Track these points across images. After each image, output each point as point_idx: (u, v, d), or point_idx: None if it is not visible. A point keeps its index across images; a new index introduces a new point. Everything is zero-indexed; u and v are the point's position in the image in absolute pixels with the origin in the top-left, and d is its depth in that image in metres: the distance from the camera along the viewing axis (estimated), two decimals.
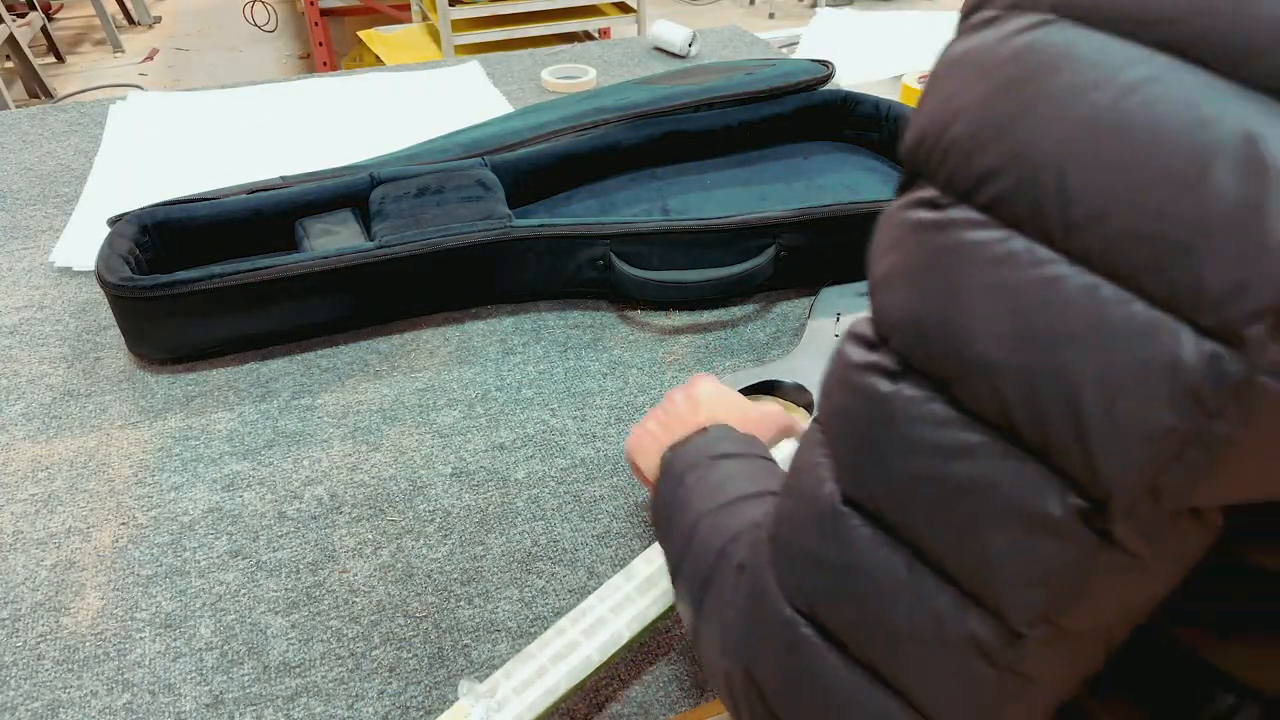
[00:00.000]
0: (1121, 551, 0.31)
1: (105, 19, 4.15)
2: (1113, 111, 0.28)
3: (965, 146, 0.32)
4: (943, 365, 0.33)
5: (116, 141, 1.34)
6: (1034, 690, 0.35)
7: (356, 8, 3.65)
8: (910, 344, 0.34)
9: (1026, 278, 0.30)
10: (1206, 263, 0.27)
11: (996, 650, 0.34)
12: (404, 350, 0.95)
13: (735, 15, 4.62)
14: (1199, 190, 0.27)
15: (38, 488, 0.80)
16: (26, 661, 0.66)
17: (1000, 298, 0.31)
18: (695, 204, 1.11)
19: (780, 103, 1.22)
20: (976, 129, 0.32)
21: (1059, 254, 0.30)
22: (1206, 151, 0.27)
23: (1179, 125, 0.28)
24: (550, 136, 1.12)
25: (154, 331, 0.91)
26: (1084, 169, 0.29)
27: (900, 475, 0.34)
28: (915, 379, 0.34)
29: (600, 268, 0.98)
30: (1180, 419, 0.28)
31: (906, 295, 0.34)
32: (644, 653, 0.66)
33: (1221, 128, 0.27)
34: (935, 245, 0.33)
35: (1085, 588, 0.32)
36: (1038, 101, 0.30)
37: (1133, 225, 0.28)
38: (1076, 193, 0.29)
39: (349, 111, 1.45)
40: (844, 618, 0.37)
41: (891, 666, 0.36)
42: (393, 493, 0.79)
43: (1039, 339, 0.30)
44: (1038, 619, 0.33)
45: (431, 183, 1.03)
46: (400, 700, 0.63)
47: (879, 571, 0.35)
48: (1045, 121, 0.30)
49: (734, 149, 1.22)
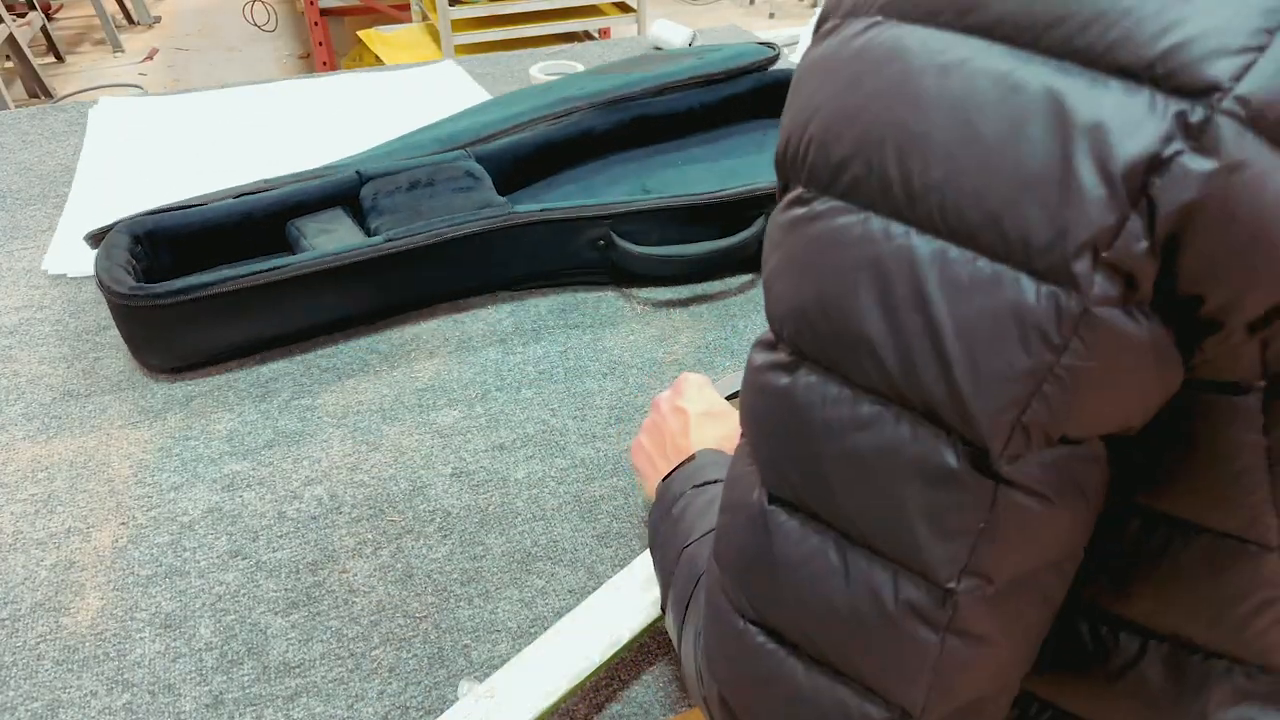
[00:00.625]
0: (1020, 491, 0.33)
1: (105, 19, 4.15)
2: (937, 90, 0.32)
3: (821, 142, 0.35)
4: (828, 347, 0.35)
5: (97, 147, 1.34)
6: (984, 654, 0.36)
7: (356, 8, 3.65)
8: (798, 333, 0.37)
9: (885, 251, 0.33)
10: (1031, 214, 0.30)
11: (932, 611, 0.35)
12: (404, 350, 0.95)
13: (735, 15, 4.62)
14: (1016, 149, 0.30)
15: (38, 488, 0.80)
16: (26, 661, 0.66)
17: (866, 274, 0.33)
18: (672, 182, 1.17)
19: (736, 84, 1.31)
20: (828, 125, 0.35)
21: (909, 225, 0.33)
22: (1019, 114, 0.30)
23: (993, 94, 0.31)
24: (525, 126, 1.17)
25: (164, 340, 0.91)
26: (917, 145, 0.32)
27: (812, 461, 0.37)
28: (808, 366, 0.36)
29: (601, 248, 1.01)
30: (1033, 358, 0.31)
31: (789, 288, 0.37)
32: (644, 653, 0.66)
33: (1029, 91, 0.30)
34: (807, 237, 0.36)
35: (997, 533, 0.34)
36: (875, 92, 0.33)
37: (965, 189, 0.31)
38: (914, 167, 0.32)
39: (328, 113, 1.45)
40: (790, 616, 0.38)
41: (842, 653, 0.37)
42: (393, 493, 0.79)
43: (905, 305, 0.33)
44: (963, 571, 0.34)
45: (421, 176, 1.05)
46: (400, 700, 0.63)
47: (811, 561, 0.37)
48: (882, 109, 0.33)
49: (698, 130, 1.30)
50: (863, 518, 0.36)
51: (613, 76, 1.27)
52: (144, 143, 1.35)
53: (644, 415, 0.86)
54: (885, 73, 0.33)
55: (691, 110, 1.29)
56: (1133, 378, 0.32)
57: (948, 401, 0.33)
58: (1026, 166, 0.30)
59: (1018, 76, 0.30)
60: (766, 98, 1.34)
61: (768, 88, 1.33)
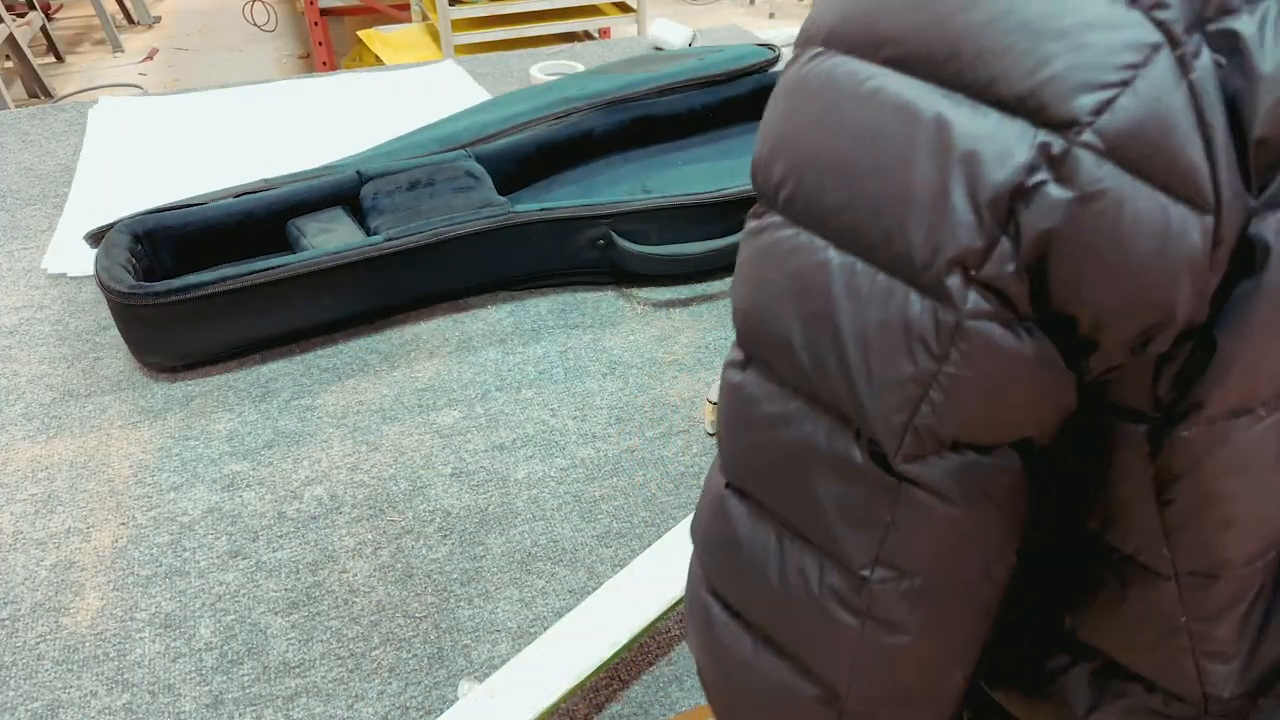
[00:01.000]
0: (921, 489, 0.35)
1: (105, 19, 4.15)
2: (851, 119, 0.35)
3: (768, 161, 0.38)
4: (764, 347, 0.39)
5: (96, 147, 1.34)
6: (903, 645, 0.38)
7: (356, 8, 3.65)
8: (745, 334, 0.40)
9: (807, 263, 0.36)
10: (915, 234, 0.33)
11: (851, 598, 0.38)
12: (404, 350, 0.95)
13: (735, 15, 4.62)
14: (908, 173, 0.33)
15: (38, 488, 0.80)
16: (26, 661, 0.66)
17: (792, 283, 0.37)
18: (672, 182, 1.17)
19: (736, 85, 1.31)
20: (774, 146, 0.38)
21: (828, 241, 0.36)
22: (914, 140, 0.33)
23: (895, 122, 0.33)
24: (525, 127, 1.17)
25: (164, 340, 0.90)
26: (832, 168, 0.35)
27: (753, 452, 0.40)
28: (754, 365, 0.39)
29: (601, 247, 1.01)
30: (918, 366, 0.34)
31: (743, 292, 0.40)
32: (644, 653, 0.66)
33: (923, 119, 0.33)
34: (756, 247, 0.39)
35: (902, 527, 0.36)
36: (807, 118, 0.37)
37: (866, 209, 0.34)
38: (828, 188, 0.35)
39: (328, 113, 1.45)
40: (741, 595, 0.42)
41: (781, 632, 0.40)
42: (393, 493, 0.79)
43: (818, 313, 0.36)
44: (875, 561, 0.37)
45: (421, 176, 1.05)
46: (400, 700, 0.63)
47: (754, 544, 0.40)
48: (809, 134, 0.36)
49: (698, 130, 1.31)
50: (791, 507, 0.39)
51: (613, 77, 1.28)
52: (144, 143, 1.35)
53: (644, 415, 0.86)
54: (816, 102, 0.36)
55: (692, 111, 1.29)
56: (1017, 389, 0.34)
57: (850, 403, 0.35)
58: (914, 190, 0.33)
59: (918, 105, 0.33)
60: (766, 99, 1.33)
61: (768, 89, 1.31)
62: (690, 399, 0.88)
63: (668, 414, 0.87)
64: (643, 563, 0.65)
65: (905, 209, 0.33)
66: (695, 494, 0.78)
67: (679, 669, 0.65)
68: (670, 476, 0.80)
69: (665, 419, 0.86)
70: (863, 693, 0.39)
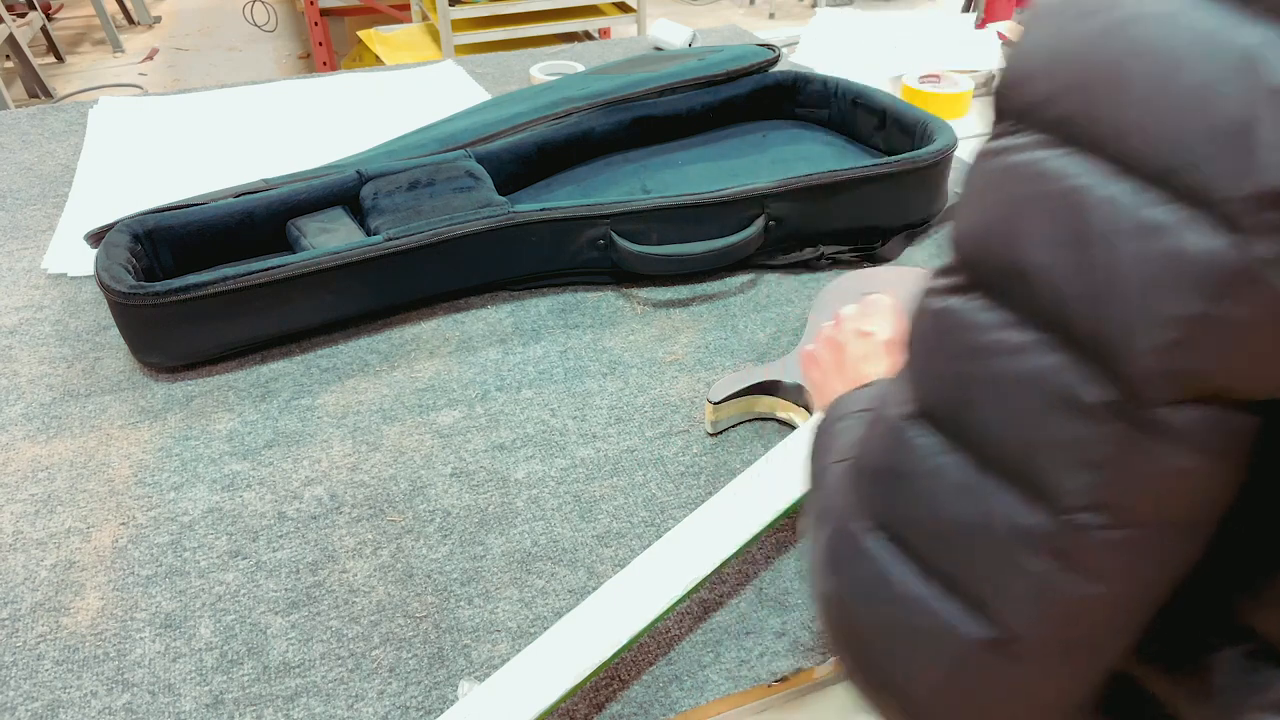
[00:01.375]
0: (1161, 438, 0.34)
1: (105, 19, 4.15)
2: (1145, 38, 0.34)
3: (1024, 77, 0.37)
4: (999, 273, 0.37)
5: (97, 146, 1.34)
6: (1096, 593, 0.36)
7: (356, 8, 3.65)
8: (975, 257, 0.38)
9: (1071, 187, 0.34)
10: (1213, 165, 0.31)
11: (1052, 539, 0.36)
12: (404, 350, 0.95)
13: (735, 15, 4.62)
14: (1209, 102, 0.32)
15: (38, 488, 0.80)
16: (26, 661, 0.66)
17: (1048, 207, 0.35)
18: (672, 183, 1.18)
19: (736, 85, 1.31)
20: (1036, 61, 0.37)
21: (1101, 164, 0.34)
22: (1217, 68, 0.32)
23: (1196, 50, 0.32)
24: (525, 127, 1.17)
25: (164, 339, 0.90)
26: (1122, 87, 0.34)
27: (960, 381, 0.38)
28: (979, 290, 0.38)
29: (601, 247, 1.01)
30: (1194, 306, 0.32)
31: (974, 214, 0.38)
32: (644, 653, 0.66)
33: (1228, 50, 0.32)
34: (1003, 166, 0.37)
35: (1128, 473, 0.35)
36: (1089, 35, 0.35)
37: (1157, 133, 0.33)
38: (1115, 109, 0.34)
39: (328, 113, 1.45)
40: (913, 526, 0.40)
41: (957, 568, 0.39)
42: (393, 493, 0.79)
43: (1078, 241, 0.34)
44: (1087, 506, 0.35)
45: (421, 176, 1.05)
46: (400, 700, 0.63)
47: (943, 476, 0.39)
48: (1095, 51, 0.35)
49: (698, 131, 1.31)
50: (999, 441, 0.37)
51: (613, 77, 1.27)
52: (144, 143, 1.35)
53: (644, 415, 0.86)
54: (1101, 18, 0.35)
55: (692, 111, 1.29)
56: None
57: (1103, 339, 0.34)
58: (1216, 119, 0.31)
59: (1221, 36, 0.32)
60: (766, 99, 1.34)
61: (768, 89, 1.33)
62: (690, 399, 0.88)
63: (668, 414, 0.87)
64: (641, 563, 0.65)
65: (1205, 138, 0.32)
66: (696, 493, 0.78)
67: (679, 669, 0.65)
68: (670, 476, 0.80)
69: (665, 419, 0.86)
70: (1040, 636, 0.38)
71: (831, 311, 0.93)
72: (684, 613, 0.69)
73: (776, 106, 1.34)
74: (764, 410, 0.85)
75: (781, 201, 1.04)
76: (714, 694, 0.63)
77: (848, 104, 1.28)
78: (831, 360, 0.67)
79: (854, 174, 1.04)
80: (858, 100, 1.26)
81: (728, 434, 0.85)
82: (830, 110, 1.31)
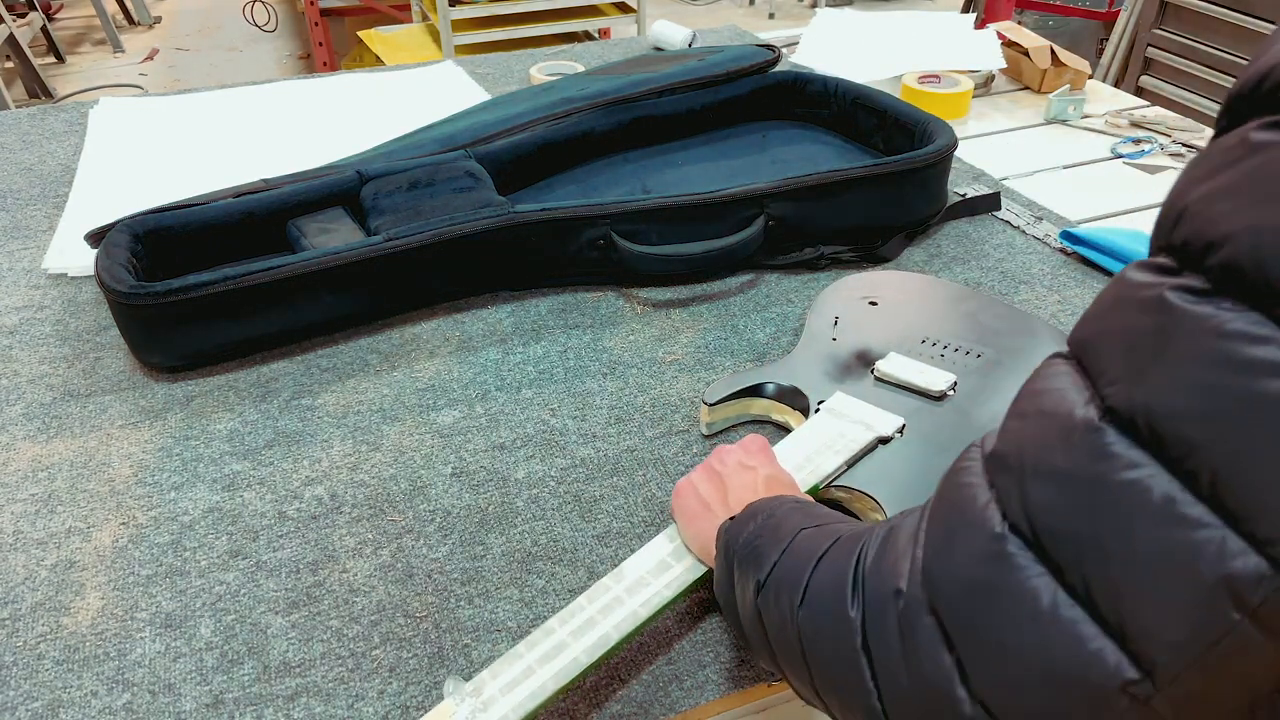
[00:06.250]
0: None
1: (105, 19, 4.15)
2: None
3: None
4: (1273, 282, 0.32)
5: (97, 146, 1.34)
6: (1274, 650, 0.33)
7: (356, 8, 3.65)
8: (1234, 261, 0.33)
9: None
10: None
11: (1252, 590, 0.32)
12: (404, 350, 0.95)
13: (735, 15, 4.62)
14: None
15: (38, 488, 0.80)
16: (26, 661, 0.66)
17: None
18: (672, 183, 1.18)
19: (736, 85, 1.31)
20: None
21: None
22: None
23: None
24: (525, 127, 1.17)
25: (165, 339, 0.90)
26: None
27: (1196, 392, 0.33)
28: (1227, 297, 0.33)
29: (601, 247, 1.01)
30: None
31: (1237, 212, 0.34)
32: (644, 653, 0.66)
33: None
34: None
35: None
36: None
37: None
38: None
39: (328, 113, 1.45)
40: (1071, 537, 0.36)
41: (1113, 592, 0.35)
42: (393, 493, 0.79)
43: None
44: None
45: (421, 176, 1.05)
46: (400, 700, 0.63)
47: (1132, 491, 0.34)
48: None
49: (698, 131, 1.31)
50: (1233, 468, 0.32)
51: (613, 77, 1.28)
52: (144, 143, 1.35)
53: (643, 415, 0.86)
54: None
55: (692, 111, 1.29)
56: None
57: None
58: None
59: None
60: (766, 99, 1.34)
61: (768, 89, 1.33)
62: (690, 399, 0.88)
63: (668, 414, 0.87)
64: (632, 565, 0.65)
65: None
66: None
67: (679, 669, 0.65)
68: (670, 476, 0.80)
69: (665, 419, 0.86)
70: (1191, 688, 0.34)
71: (831, 312, 0.93)
72: (684, 613, 0.69)
73: (776, 107, 1.35)
74: (759, 413, 0.85)
75: (781, 201, 1.04)
76: (714, 694, 0.63)
77: (848, 104, 1.28)
78: (712, 491, 0.65)
79: (854, 174, 1.04)
80: (858, 100, 1.26)
81: (727, 434, 0.85)
82: (830, 110, 1.31)
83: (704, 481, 0.66)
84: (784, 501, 0.58)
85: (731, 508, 0.62)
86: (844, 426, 0.76)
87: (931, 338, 0.88)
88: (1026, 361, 0.84)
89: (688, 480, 0.67)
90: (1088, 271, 1.06)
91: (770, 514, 0.56)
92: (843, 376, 0.84)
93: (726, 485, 0.64)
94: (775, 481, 0.65)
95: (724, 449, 0.68)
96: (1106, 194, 1.23)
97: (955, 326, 0.90)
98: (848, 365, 0.85)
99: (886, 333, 0.89)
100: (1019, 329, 0.89)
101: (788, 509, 0.56)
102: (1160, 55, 2.53)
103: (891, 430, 0.76)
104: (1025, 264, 1.07)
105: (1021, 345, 0.87)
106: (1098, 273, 1.06)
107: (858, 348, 0.87)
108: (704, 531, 0.63)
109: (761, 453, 0.68)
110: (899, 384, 0.82)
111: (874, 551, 0.45)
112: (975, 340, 0.87)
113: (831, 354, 0.87)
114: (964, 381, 0.82)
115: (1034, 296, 1.02)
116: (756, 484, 0.64)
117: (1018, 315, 0.92)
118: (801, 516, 0.54)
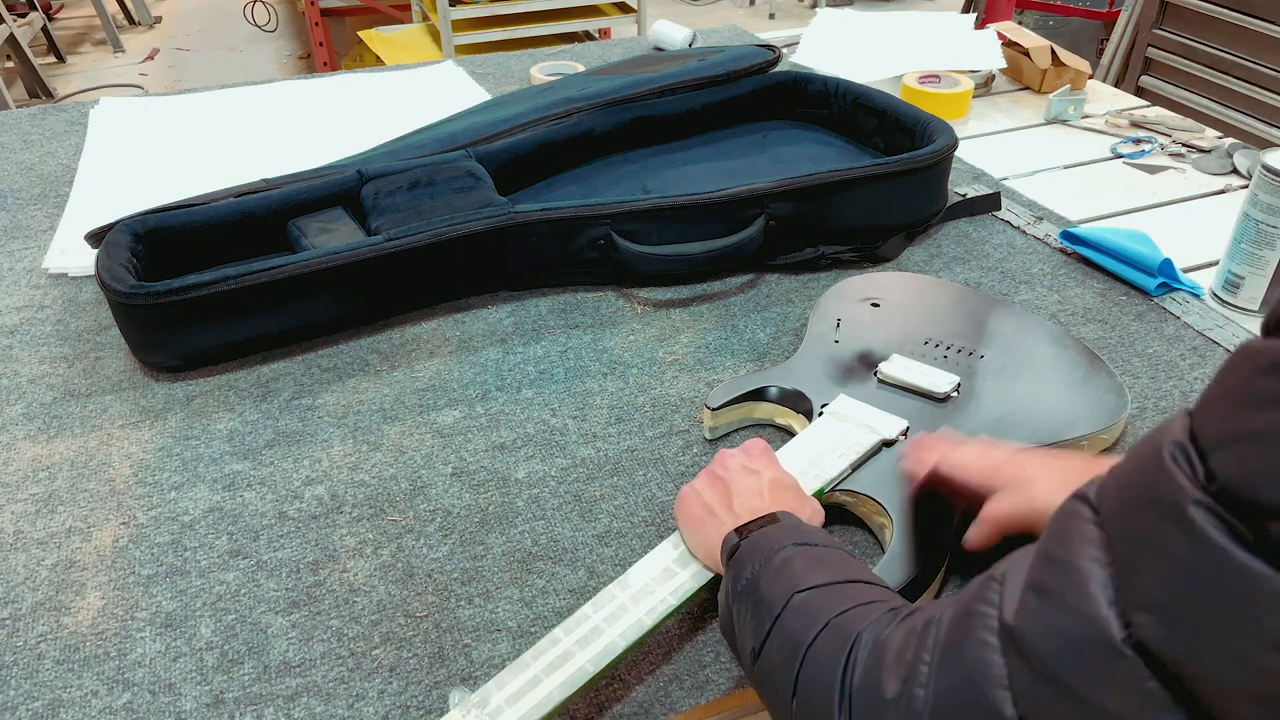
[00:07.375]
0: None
1: (105, 19, 4.15)
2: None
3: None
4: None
5: (98, 146, 1.34)
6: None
7: (357, 8, 3.65)
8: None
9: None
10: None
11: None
12: (404, 350, 0.95)
13: (735, 15, 4.62)
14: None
15: (38, 488, 0.80)
16: (27, 661, 0.66)
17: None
18: (672, 183, 1.18)
19: (737, 86, 1.31)
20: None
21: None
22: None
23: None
24: (525, 127, 1.17)
25: (165, 339, 0.90)
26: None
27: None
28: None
29: (601, 248, 1.01)
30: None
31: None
32: (644, 653, 0.66)
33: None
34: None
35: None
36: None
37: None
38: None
39: (328, 113, 1.45)
40: (1167, 636, 0.33)
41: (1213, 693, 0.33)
42: (393, 493, 0.79)
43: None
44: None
45: (422, 176, 1.05)
46: (400, 700, 0.63)
47: (1254, 600, 0.31)
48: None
49: (698, 131, 1.31)
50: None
51: (613, 78, 1.28)
52: (144, 143, 1.35)
53: (644, 415, 0.86)
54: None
55: (692, 111, 1.29)
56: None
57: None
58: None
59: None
60: (767, 99, 1.34)
61: (768, 89, 1.33)
62: (690, 399, 0.88)
63: (668, 414, 0.87)
64: (637, 572, 0.65)
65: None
66: None
67: (679, 669, 0.65)
68: (670, 476, 0.80)
69: (665, 419, 0.86)
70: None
71: (833, 315, 0.93)
72: (685, 613, 0.69)
73: (777, 107, 1.35)
74: (762, 416, 0.85)
75: (782, 201, 1.04)
76: (714, 694, 0.63)
77: (848, 104, 1.28)
78: (716, 497, 0.64)
79: (854, 174, 1.04)
80: (858, 100, 1.27)
81: (729, 439, 0.85)
82: (830, 110, 1.31)
83: (707, 488, 0.66)
84: (781, 541, 0.56)
85: (736, 512, 0.62)
86: (848, 430, 0.76)
87: (934, 339, 0.88)
88: (1028, 362, 0.84)
89: (691, 487, 0.67)
90: (1088, 271, 1.06)
91: (766, 559, 0.55)
92: (845, 379, 0.84)
93: (730, 490, 0.64)
94: (779, 485, 0.65)
95: (726, 453, 0.68)
96: (1107, 194, 1.23)
97: (958, 327, 0.90)
98: (850, 368, 0.85)
99: (889, 334, 0.89)
100: (1021, 329, 0.89)
101: (784, 557, 0.54)
102: (1160, 55, 2.53)
103: (895, 433, 0.76)
104: (1025, 264, 1.07)
105: (1024, 345, 0.87)
106: (1098, 273, 1.06)
107: (860, 350, 0.87)
108: (709, 538, 0.63)
109: (764, 455, 0.68)
110: (902, 386, 0.82)
111: (862, 668, 0.45)
112: (978, 341, 0.87)
113: (834, 356, 0.87)
114: (967, 383, 0.82)
115: (1034, 296, 1.02)
116: (761, 487, 0.64)
117: (1019, 315, 0.92)
118: (798, 570, 0.53)
